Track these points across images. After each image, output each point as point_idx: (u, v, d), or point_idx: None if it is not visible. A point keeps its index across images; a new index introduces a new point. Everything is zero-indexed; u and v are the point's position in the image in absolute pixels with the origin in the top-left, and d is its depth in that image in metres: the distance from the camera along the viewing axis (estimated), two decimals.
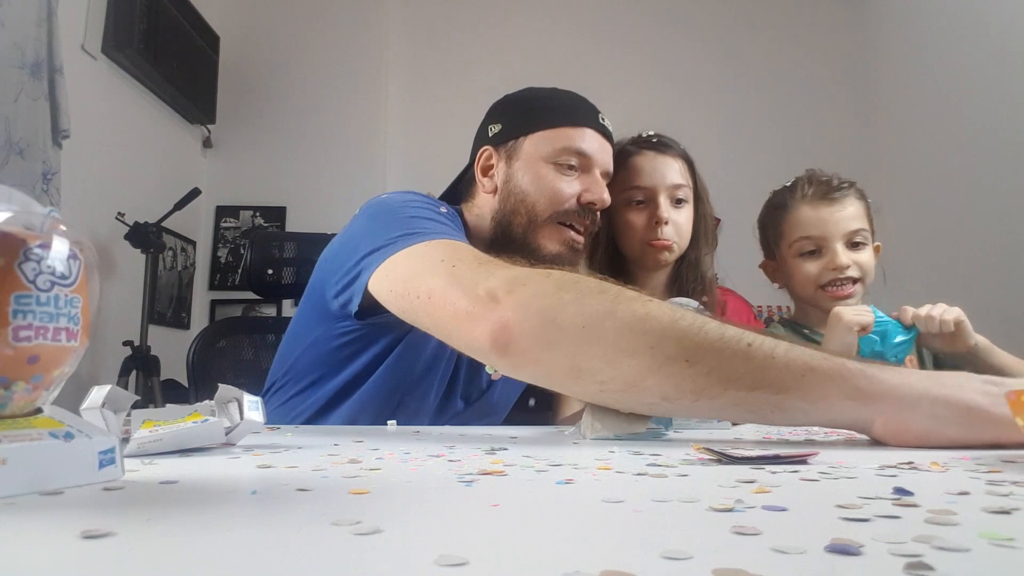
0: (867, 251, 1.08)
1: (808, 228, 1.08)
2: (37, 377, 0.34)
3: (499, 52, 2.99)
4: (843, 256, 1.05)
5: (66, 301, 0.34)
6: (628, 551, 0.22)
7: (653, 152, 1.02)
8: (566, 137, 0.85)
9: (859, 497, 0.30)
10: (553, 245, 0.86)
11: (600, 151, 0.87)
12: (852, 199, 1.08)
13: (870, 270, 1.08)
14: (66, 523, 0.26)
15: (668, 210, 0.99)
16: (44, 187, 1.62)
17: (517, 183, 0.86)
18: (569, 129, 0.86)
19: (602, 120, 0.89)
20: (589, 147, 0.86)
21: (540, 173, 0.84)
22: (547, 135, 0.86)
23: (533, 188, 0.84)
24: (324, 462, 0.44)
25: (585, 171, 0.86)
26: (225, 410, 0.52)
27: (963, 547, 0.21)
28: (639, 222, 1.00)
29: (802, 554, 0.21)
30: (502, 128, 0.91)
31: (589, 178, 0.86)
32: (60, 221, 0.35)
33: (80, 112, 1.84)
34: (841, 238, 1.06)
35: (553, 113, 0.88)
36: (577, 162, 0.85)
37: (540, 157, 0.85)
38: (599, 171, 0.87)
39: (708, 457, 0.43)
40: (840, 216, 1.06)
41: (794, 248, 1.10)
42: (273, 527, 0.26)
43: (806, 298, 1.12)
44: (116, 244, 2.14)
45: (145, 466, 0.42)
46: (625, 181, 1.01)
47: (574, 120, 0.87)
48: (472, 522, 0.27)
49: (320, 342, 0.84)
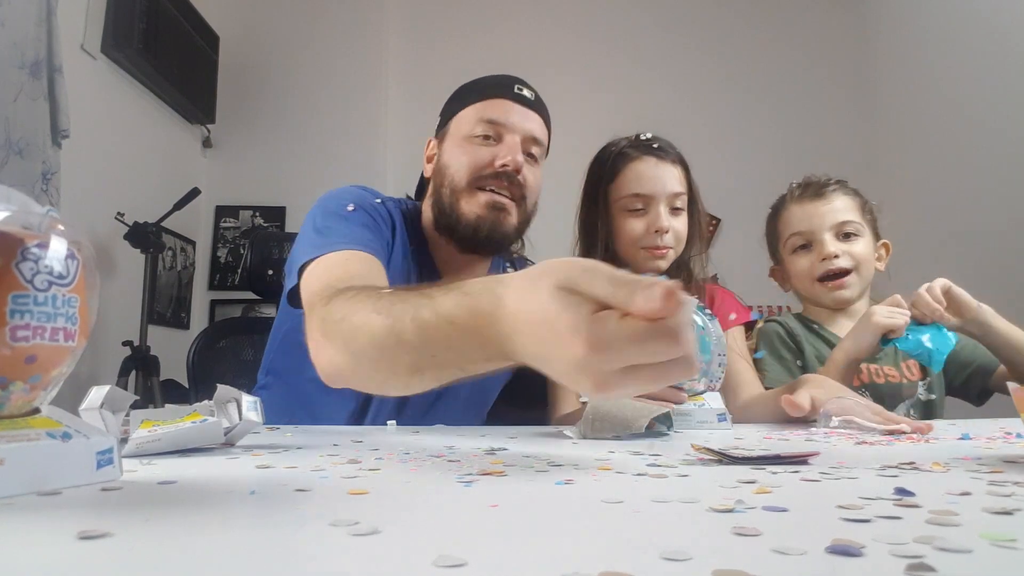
0: (860, 243, 1.07)
1: (797, 224, 1.09)
2: (35, 377, 0.34)
3: (499, 52, 2.98)
4: (831, 245, 1.05)
5: (64, 301, 0.34)
6: (628, 552, 0.22)
7: (654, 159, 1.02)
8: (478, 111, 0.90)
9: (860, 497, 0.30)
10: (473, 209, 0.89)
11: (515, 117, 0.90)
12: (840, 194, 1.09)
13: (864, 261, 1.07)
14: (63, 524, 0.26)
15: (667, 218, 1.00)
16: (43, 187, 1.62)
17: (443, 161, 0.92)
18: (481, 104, 0.91)
19: (519, 90, 0.93)
20: (500, 116, 0.89)
21: (458, 148, 0.90)
22: (464, 114, 0.92)
23: (452, 161, 0.90)
24: (323, 462, 0.44)
25: (500, 139, 0.89)
26: (224, 410, 0.52)
27: (965, 548, 0.21)
28: (637, 228, 1.01)
29: (803, 555, 0.21)
30: (440, 120, 0.99)
31: (503, 145, 0.89)
32: (58, 221, 0.35)
33: (80, 112, 1.84)
34: (829, 229, 1.06)
35: (472, 94, 0.93)
36: (491, 131, 0.89)
37: (460, 135, 0.91)
38: (518, 136, 0.89)
39: (708, 457, 0.43)
40: (827, 209, 1.07)
41: (788, 246, 1.11)
42: (272, 528, 0.26)
43: (807, 295, 1.13)
44: (116, 244, 2.14)
45: (143, 466, 0.42)
46: (624, 187, 1.02)
47: (487, 95, 0.92)
48: (471, 523, 0.27)
49: (290, 335, 0.89)
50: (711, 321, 0.78)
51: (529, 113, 0.92)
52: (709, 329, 0.76)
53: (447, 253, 0.94)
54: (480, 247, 0.91)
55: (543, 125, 0.95)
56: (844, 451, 0.49)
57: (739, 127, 2.97)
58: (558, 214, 1.20)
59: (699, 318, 0.76)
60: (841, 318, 1.10)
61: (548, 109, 0.97)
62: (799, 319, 1.13)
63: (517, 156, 0.87)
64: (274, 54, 2.99)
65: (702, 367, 0.74)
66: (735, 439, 0.60)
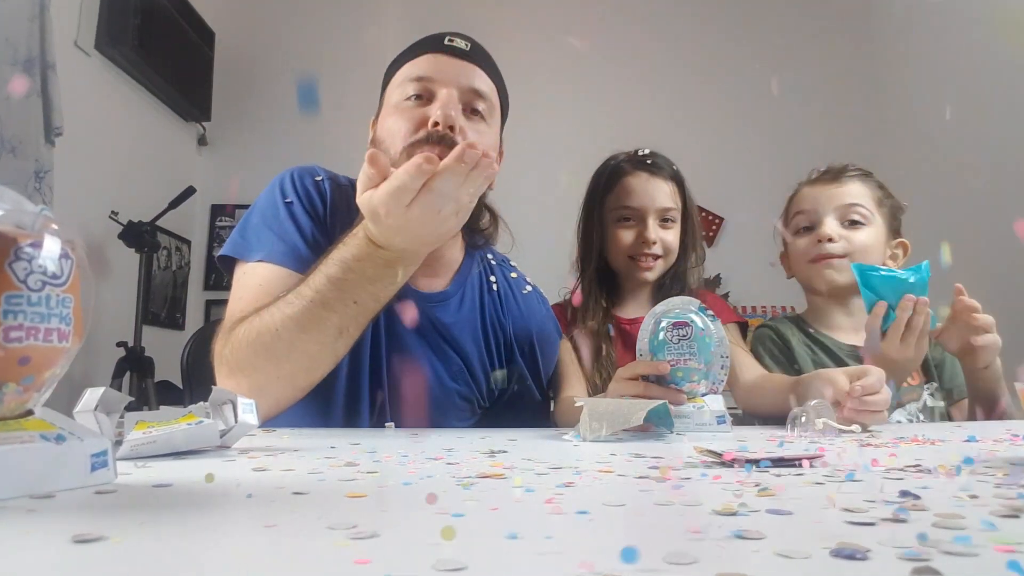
0: (865, 231, 1.02)
1: (803, 203, 1.07)
2: (28, 378, 0.33)
3: (498, 50, 2.98)
4: (829, 227, 1.01)
5: (58, 301, 0.34)
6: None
7: (646, 174, 1.08)
8: (403, 73, 0.82)
9: (865, 500, 0.29)
10: None
11: (446, 69, 0.80)
12: (857, 181, 1.04)
13: (864, 250, 1.01)
14: (57, 527, 0.26)
15: (655, 230, 1.06)
16: (36, 185, 1.60)
17: (378, 136, 0.84)
18: (406, 66, 0.82)
19: (450, 41, 0.82)
20: (428, 70, 0.79)
21: (390, 117, 0.81)
22: (393, 82, 0.84)
23: (385, 132, 0.81)
24: (321, 465, 0.44)
25: (430, 96, 0.79)
26: (219, 412, 0.52)
27: (972, 552, 0.21)
28: (627, 238, 1.07)
29: (807, 559, 0.21)
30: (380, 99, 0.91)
31: (436, 102, 0.78)
32: (52, 220, 0.34)
33: (73, 109, 1.83)
34: (833, 211, 1.02)
35: (401, 58, 0.85)
36: (419, 89, 0.79)
37: (390, 104, 0.82)
38: (452, 90, 0.78)
39: (711, 459, 0.43)
40: (835, 191, 1.03)
41: (792, 226, 1.08)
42: (268, 532, 0.25)
43: (803, 279, 1.09)
44: (110, 243, 2.12)
45: (138, 469, 0.42)
46: (617, 199, 1.09)
47: (411, 55, 0.83)
48: (471, 526, 0.26)
49: None
50: (713, 322, 0.77)
51: (463, 64, 0.81)
52: (711, 330, 0.75)
53: None
54: None
55: (486, 77, 0.83)
56: (849, 453, 0.49)
57: (743, 126, 2.96)
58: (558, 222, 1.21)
59: (699, 319, 0.75)
60: (839, 316, 1.06)
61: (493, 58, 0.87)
62: (795, 322, 1.10)
63: (449, 112, 0.75)
64: (270, 50, 2.98)
65: (701, 369, 0.73)
66: (738, 441, 0.60)
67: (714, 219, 2.84)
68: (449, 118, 0.75)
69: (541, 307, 1.00)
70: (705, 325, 0.75)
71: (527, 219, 2.87)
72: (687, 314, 0.76)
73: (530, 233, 1.04)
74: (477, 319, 0.90)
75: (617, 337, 1.08)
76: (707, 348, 0.74)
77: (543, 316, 0.98)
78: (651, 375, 0.74)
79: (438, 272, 0.90)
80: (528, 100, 2.96)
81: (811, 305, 1.11)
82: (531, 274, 1.05)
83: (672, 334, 0.74)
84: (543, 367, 0.95)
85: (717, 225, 2.83)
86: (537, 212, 2.65)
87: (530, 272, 1.05)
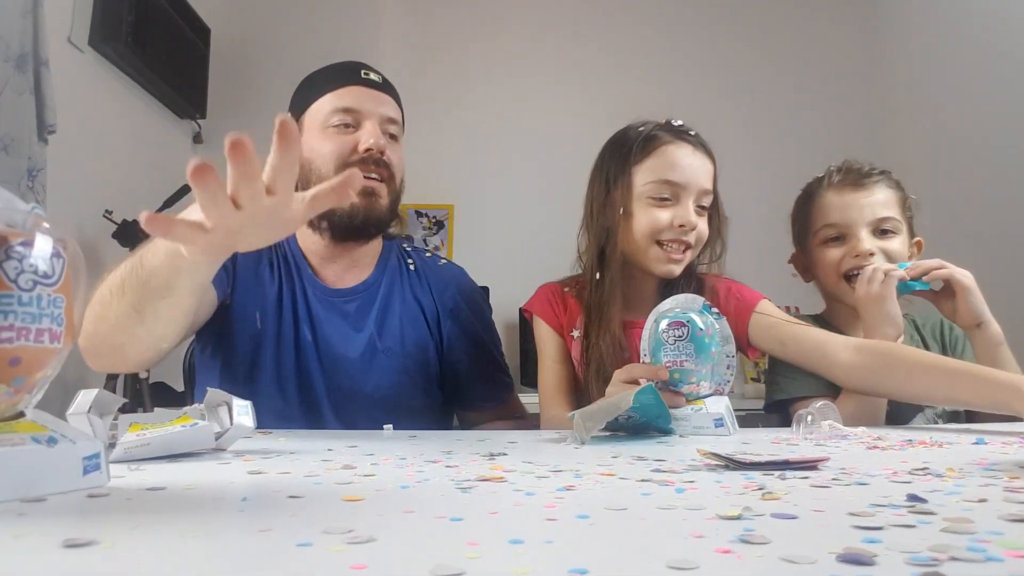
0: (897, 240, 0.99)
1: (832, 214, 1.00)
2: (19, 380, 0.33)
3: (498, 48, 2.97)
4: (867, 242, 0.97)
5: (49, 301, 0.33)
6: (632, 561, 0.22)
7: (690, 147, 0.91)
8: (332, 101, 0.92)
9: (872, 504, 0.29)
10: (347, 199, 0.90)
11: (368, 102, 0.93)
12: (883, 186, 1.00)
13: (899, 257, 0.98)
14: (48, 531, 0.25)
15: (694, 214, 0.90)
16: (29, 184, 1.59)
17: (304, 156, 0.91)
18: (333, 94, 0.93)
19: (366, 74, 0.96)
20: (354, 102, 0.92)
21: (318, 140, 0.91)
22: (318, 106, 0.93)
23: (314, 154, 0.91)
24: (317, 468, 0.43)
25: (358, 124, 0.92)
26: (215, 414, 0.51)
27: (981, 557, 0.21)
28: (662, 219, 0.88)
29: (813, 564, 0.21)
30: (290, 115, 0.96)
31: (363, 130, 0.91)
32: (44, 218, 0.34)
33: (66, 107, 1.81)
34: (866, 224, 0.98)
35: (320, 84, 0.95)
36: (348, 119, 0.91)
37: (315, 127, 0.92)
38: (375, 120, 0.92)
39: (715, 462, 0.42)
40: (866, 202, 0.98)
41: (819, 236, 1.02)
42: (263, 536, 0.25)
43: (830, 290, 1.03)
44: (103, 243, 2.10)
45: (131, 472, 0.41)
46: (655, 171, 0.89)
47: (337, 84, 0.94)
48: (470, 531, 0.26)
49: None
50: (718, 320, 0.75)
51: (381, 95, 0.95)
52: (715, 330, 0.73)
53: (320, 246, 0.95)
54: (357, 235, 0.93)
55: (395, 105, 0.98)
56: (855, 456, 0.48)
57: (748, 124, 2.94)
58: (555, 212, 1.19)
59: (700, 319, 0.73)
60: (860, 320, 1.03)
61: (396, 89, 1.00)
62: (818, 322, 1.06)
63: (380, 140, 0.90)
64: (267, 47, 2.96)
65: (701, 370, 0.72)
66: (742, 444, 0.59)
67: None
68: (380, 146, 0.91)
69: (460, 273, 1.06)
70: (706, 325, 0.72)
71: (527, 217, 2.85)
72: (687, 314, 0.73)
73: (531, 232, 1.03)
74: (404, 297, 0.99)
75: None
76: (706, 349, 0.72)
77: (462, 279, 1.05)
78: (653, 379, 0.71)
79: (360, 265, 0.98)
80: (528, 96, 2.96)
81: (833, 310, 1.08)
82: (531, 273, 1.04)
83: (669, 334, 0.72)
84: (480, 328, 1.02)
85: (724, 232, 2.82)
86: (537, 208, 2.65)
87: (530, 271, 1.05)
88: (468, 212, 2.85)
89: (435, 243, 2.83)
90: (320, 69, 1.00)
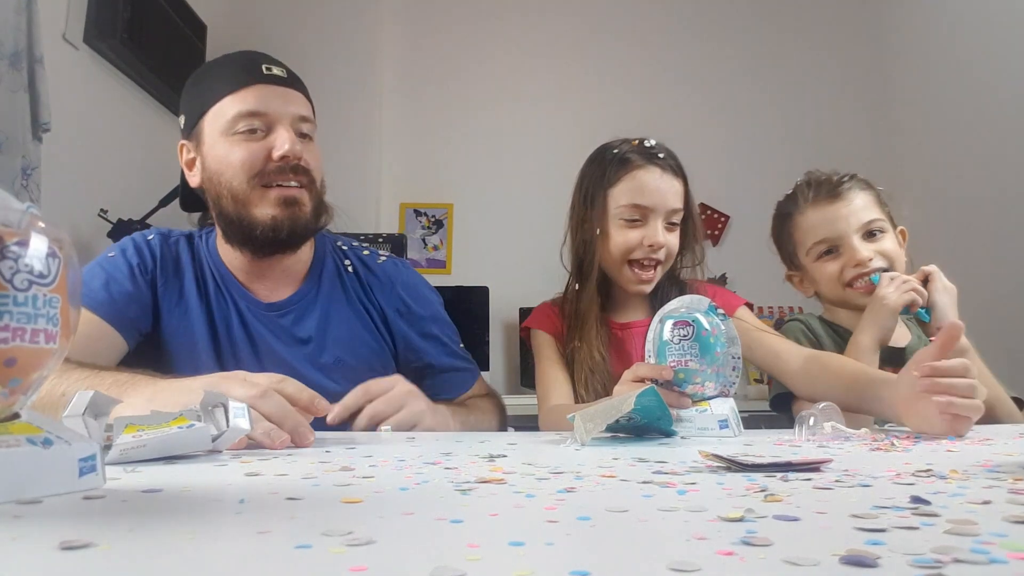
0: (888, 238, 1.02)
1: (820, 231, 1.03)
2: (15, 381, 0.32)
3: (497, 47, 2.96)
4: (862, 250, 1.00)
5: (45, 301, 0.33)
6: (633, 563, 0.21)
7: (658, 170, 0.97)
8: (233, 104, 0.84)
9: (875, 506, 0.29)
10: (266, 210, 0.84)
11: (276, 103, 0.85)
12: (856, 191, 1.03)
13: (897, 257, 1.02)
14: (43, 534, 0.25)
15: (663, 234, 0.97)
16: (24, 183, 1.58)
17: (209, 167, 0.86)
18: (234, 95, 0.84)
19: (268, 70, 0.86)
20: (259, 105, 0.84)
21: (224, 148, 0.84)
22: (218, 109, 0.84)
23: (223, 165, 0.84)
24: (315, 469, 0.43)
25: (269, 128, 0.84)
26: (211, 416, 0.51)
27: (984, 559, 0.21)
28: (631, 239, 0.96)
29: (815, 566, 0.21)
30: (185, 118, 0.91)
31: (275, 135, 0.84)
32: (39, 218, 0.34)
33: (61, 104, 1.80)
34: (855, 232, 1.01)
35: (216, 85, 0.86)
36: (255, 124, 0.83)
37: (219, 133, 0.84)
38: (285, 121, 0.84)
39: (716, 464, 0.42)
40: (848, 210, 1.02)
41: (812, 253, 1.05)
42: (261, 538, 0.25)
43: (837, 299, 1.05)
44: (98, 242, 2.09)
45: (127, 474, 0.41)
46: (624, 195, 0.97)
47: (235, 84, 0.85)
48: (470, 533, 0.26)
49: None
50: (724, 321, 0.74)
51: (288, 92, 0.87)
52: (720, 330, 0.73)
53: (244, 263, 0.89)
54: (282, 247, 0.87)
55: (305, 100, 0.90)
56: (857, 458, 0.48)
57: (749, 122, 2.95)
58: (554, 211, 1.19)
59: (705, 319, 0.73)
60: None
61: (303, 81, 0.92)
62: (822, 323, 1.09)
63: (295, 146, 0.83)
64: (263, 44, 2.93)
65: (706, 370, 0.71)
66: (744, 445, 0.59)
67: (720, 217, 2.79)
68: (296, 152, 0.83)
69: (401, 267, 1.01)
70: (712, 325, 0.72)
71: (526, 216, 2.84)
72: (692, 314, 0.73)
73: (530, 231, 1.03)
74: (347, 303, 0.94)
75: (610, 345, 1.01)
76: (711, 349, 0.71)
77: (404, 274, 0.99)
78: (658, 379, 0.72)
79: (292, 274, 0.93)
80: (527, 95, 2.95)
81: (834, 311, 1.10)
82: (531, 272, 1.04)
83: (674, 334, 0.72)
84: (430, 321, 0.97)
85: (723, 223, 2.78)
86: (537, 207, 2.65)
87: (530, 269, 1.05)
88: (467, 211, 2.84)
89: (434, 242, 2.83)
90: (215, 63, 0.90)
